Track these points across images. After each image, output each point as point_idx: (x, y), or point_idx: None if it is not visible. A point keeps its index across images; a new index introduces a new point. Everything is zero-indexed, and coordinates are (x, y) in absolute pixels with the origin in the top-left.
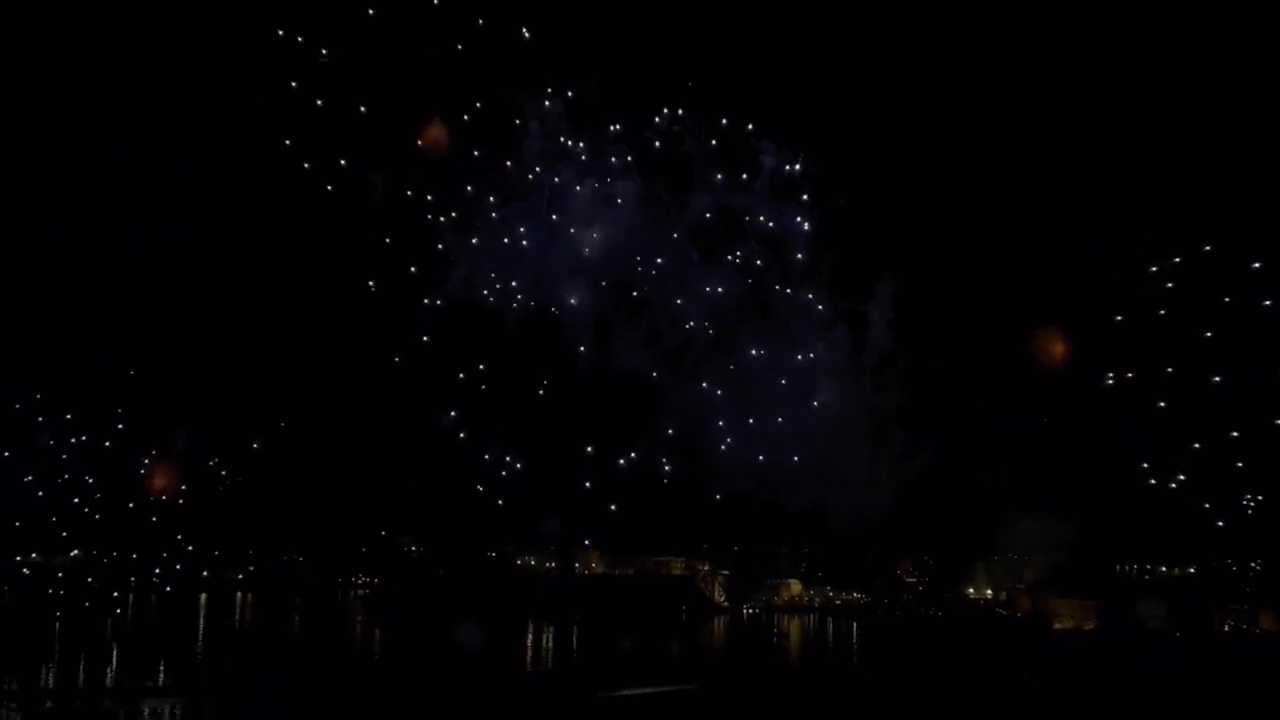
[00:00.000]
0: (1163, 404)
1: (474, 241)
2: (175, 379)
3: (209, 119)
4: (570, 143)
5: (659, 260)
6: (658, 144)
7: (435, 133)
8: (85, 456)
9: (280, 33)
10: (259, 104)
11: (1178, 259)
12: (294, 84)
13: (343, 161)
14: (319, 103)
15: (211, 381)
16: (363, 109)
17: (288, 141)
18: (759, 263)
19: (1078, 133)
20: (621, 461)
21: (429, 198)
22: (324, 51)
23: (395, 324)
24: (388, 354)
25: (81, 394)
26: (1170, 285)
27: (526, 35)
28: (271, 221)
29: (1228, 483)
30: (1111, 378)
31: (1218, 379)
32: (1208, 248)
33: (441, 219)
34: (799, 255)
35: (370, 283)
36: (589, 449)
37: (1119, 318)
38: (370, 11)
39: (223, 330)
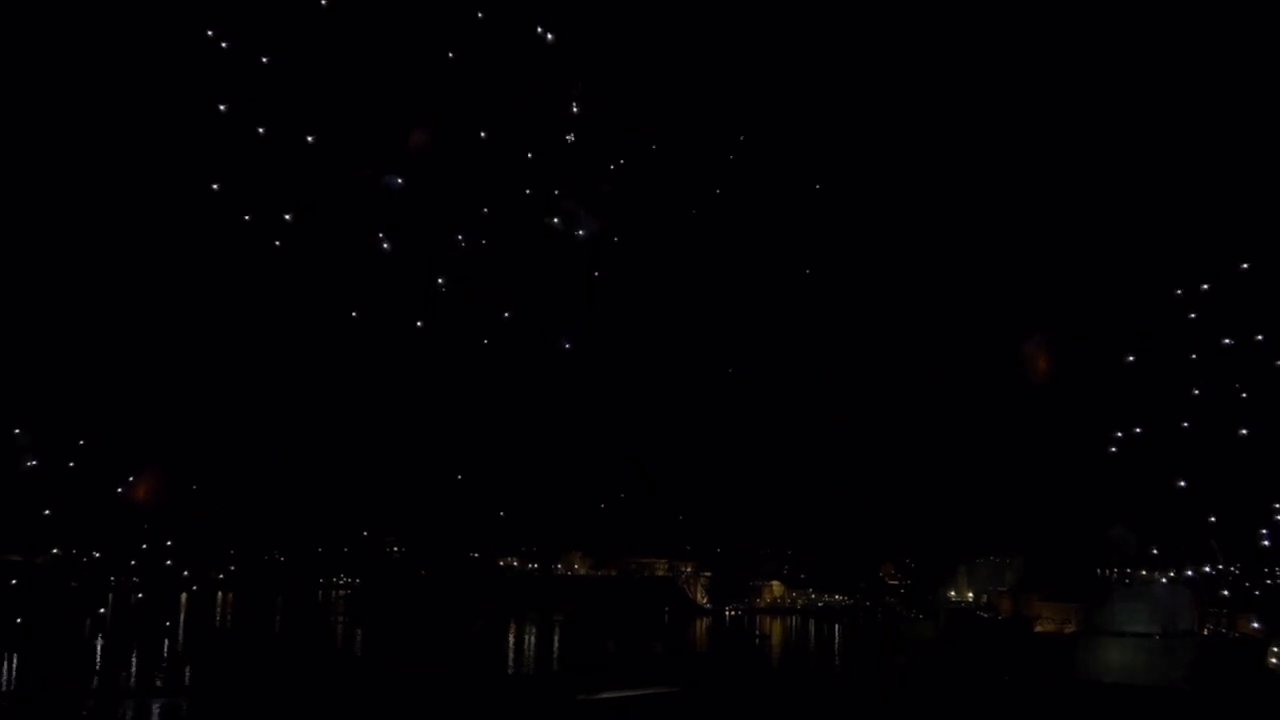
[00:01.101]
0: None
1: (457, 246)
2: (155, 378)
3: (196, 116)
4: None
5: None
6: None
7: (422, 138)
8: (65, 454)
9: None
10: (254, 107)
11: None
12: (284, 87)
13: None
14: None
15: (192, 381)
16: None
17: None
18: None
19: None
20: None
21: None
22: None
23: (379, 325)
24: (370, 354)
25: (61, 393)
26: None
27: (550, 38)
28: (265, 224)
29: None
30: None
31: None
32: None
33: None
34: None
35: (357, 284)
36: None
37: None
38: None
39: (204, 330)
